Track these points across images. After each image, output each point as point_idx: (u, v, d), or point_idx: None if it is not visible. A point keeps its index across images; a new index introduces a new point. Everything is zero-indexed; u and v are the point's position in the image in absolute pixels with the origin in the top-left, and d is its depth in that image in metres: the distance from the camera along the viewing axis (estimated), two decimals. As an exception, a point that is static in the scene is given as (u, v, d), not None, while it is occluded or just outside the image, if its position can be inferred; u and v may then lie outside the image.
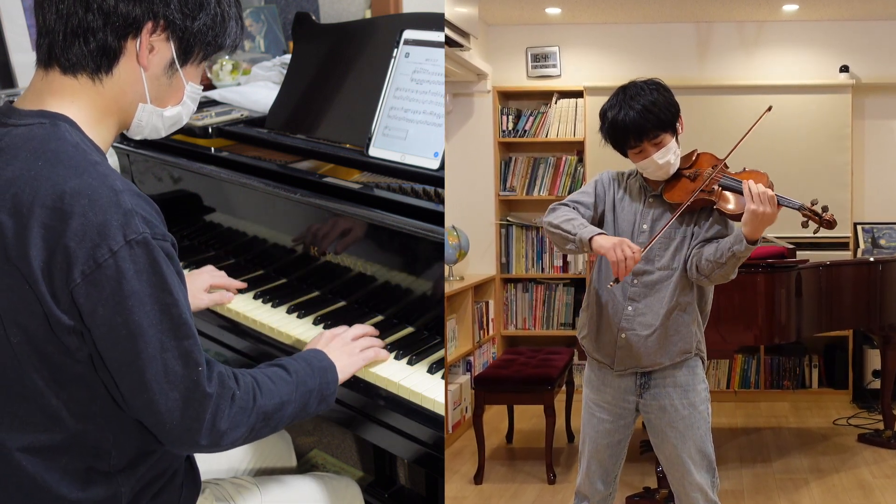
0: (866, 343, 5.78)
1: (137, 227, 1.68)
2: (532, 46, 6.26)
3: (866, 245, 5.98)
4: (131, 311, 1.69)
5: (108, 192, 1.69)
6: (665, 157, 2.67)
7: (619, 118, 2.64)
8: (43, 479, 1.82)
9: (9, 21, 4.01)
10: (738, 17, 6.02)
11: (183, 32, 1.88)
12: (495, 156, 6.22)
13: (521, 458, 4.88)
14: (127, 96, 1.89)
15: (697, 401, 2.78)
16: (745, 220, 2.55)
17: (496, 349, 6.16)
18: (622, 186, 2.82)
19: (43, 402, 1.78)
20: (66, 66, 1.82)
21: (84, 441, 1.84)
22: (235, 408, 1.86)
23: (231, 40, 2.02)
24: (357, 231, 2.65)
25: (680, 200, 2.69)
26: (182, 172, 3.13)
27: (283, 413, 2.00)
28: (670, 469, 2.82)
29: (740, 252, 2.55)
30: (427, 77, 2.77)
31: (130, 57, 1.85)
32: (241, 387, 1.89)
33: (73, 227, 1.65)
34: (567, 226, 2.67)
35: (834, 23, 6.02)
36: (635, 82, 2.72)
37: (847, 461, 4.65)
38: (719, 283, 2.73)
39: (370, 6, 4.76)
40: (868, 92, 6.06)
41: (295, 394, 2.04)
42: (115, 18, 1.79)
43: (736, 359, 6.00)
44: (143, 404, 1.75)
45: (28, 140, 1.76)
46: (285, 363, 2.12)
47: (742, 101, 5.99)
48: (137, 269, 1.68)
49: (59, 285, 1.67)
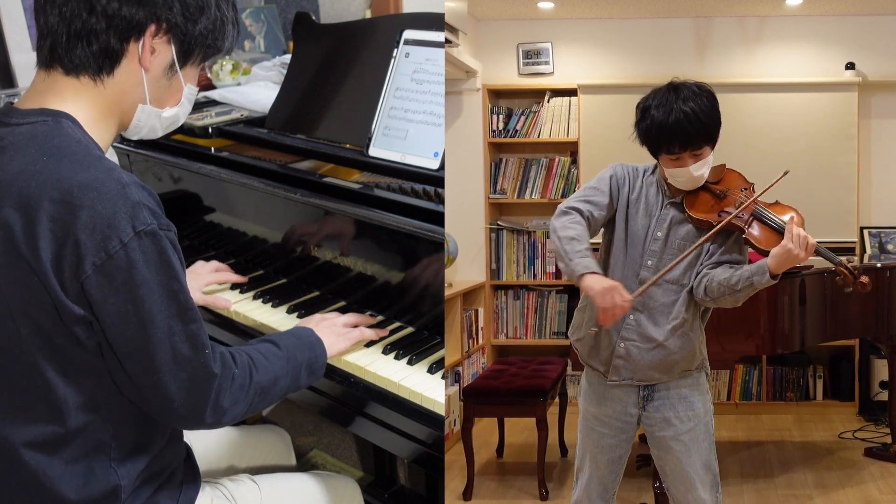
0: (873, 353, 5.87)
1: (146, 219, 1.86)
2: (524, 42, 6.35)
3: (873, 250, 6.05)
4: (142, 299, 1.87)
5: (116, 184, 1.85)
6: (701, 169, 2.71)
7: (669, 121, 2.65)
8: (44, 475, 1.96)
9: (9, 21, 4.15)
10: (738, 11, 6.12)
11: (184, 35, 2.08)
12: (485, 157, 6.30)
13: (511, 474, 4.96)
14: (128, 97, 2.08)
15: (702, 412, 2.86)
16: (777, 255, 2.57)
17: (486, 359, 6.22)
18: (638, 184, 2.85)
19: (49, 393, 1.93)
20: (69, 68, 2.00)
21: (86, 434, 1.99)
22: (235, 385, 2.08)
23: (229, 43, 2.23)
24: (357, 231, 2.81)
25: (704, 216, 2.74)
26: (182, 172, 3.29)
27: (277, 387, 2.24)
28: (674, 484, 2.91)
29: (759, 284, 2.60)
30: (427, 77, 2.93)
31: (132, 58, 2.03)
32: (239, 365, 2.12)
33: (82, 220, 1.80)
34: (567, 245, 2.69)
35: (839, 18, 6.12)
36: (686, 83, 2.73)
37: (853, 476, 4.75)
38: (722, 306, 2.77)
39: (370, 6, 4.92)
40: (875, 90, 6.16)
41: (287, 367, 2.28)
42: (118, 21, 1.97)
43: (737, 369, 6.08)
44: (152, 386, 1.95)
45: (31, 137, 1.92)
46: (275, 339, 2.36)
47: (743, 99, 6.07)
48: (146, 259, 1.86)
49: (69, 277, 1.83)
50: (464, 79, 6.20)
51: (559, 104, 6.32)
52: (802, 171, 5.96)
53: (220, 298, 2.95)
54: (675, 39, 6.27)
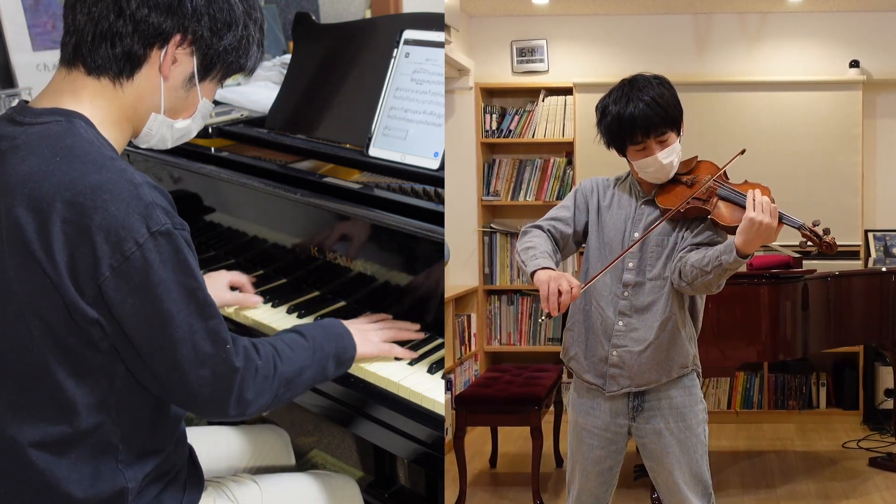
0: (878, 360, 5.93)
1: (160, 219, 1.94)
2: (518, 39, 6.42)
3: (878, 254, 6.11)
4: (160, 299, 1.96)
5: (128, 185, 1.93)
6: (669, 157, 2.78)
7: (627, 111, 2.73)
8: (52, 475, 2.04)
9: (9, 21, 4.25)
10: (739, 7, 6.20)
11: (208, 49, 2.17)
12: (478, 157, 6.37)
13: (505, 484, 5.03)
14: (144, 103, 2.16)
15: (694, 423, 2.91)
16: (741, 229, 2.58)
17: (479, 366, 6.29)
18: (609, 193, 2.94)
19: (59, 394, 2.01)
20: (91, 67, 2.09)
21: (94, 436, 2.07)
22: (259, 377, 2.20)
23: (252, 63, 2.34)
24: (357, 231, 2.91)
25: (669, 206, 2.80)
26: (182, 172, 3.40)
27: (302, 377, 2.36)
28: (667, 495, 2.98)
29: (728, 263, 2.60)
30: (427, 77, 3.06)
31: (153, 65, 2.12)
32: (262, 357, 2.24)
33: (96, 222, 1.88)
34: (524, 255, 2.81)
35: (843, 14, 6.20)
36: (642, 75, 2.81)
37: (857, 487, 4.80)
38: (702, 294, 2.84)
39: (370, 6, 5.06)
40: (880, 88, 6.25)
41: (312, 358, 2.41)
42: (144, 27, 2.07)
43: (737, 377, 6.13)
44: (176, 382, 2.06)
45: (44, 137, 1.99)
46: (302, 329, 2.48)
47: (744, 98, 6.18)
48: (163, 259, 1.95)
49: (85, 279, 1.91)
50: (456, 77, 6.24)
51: (554, 103, 6.38)
52: (805, 172, 6.03)
53: (248, 297, 3.07)
54: (673, 37, 6.34)
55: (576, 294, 2.63)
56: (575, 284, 2.64)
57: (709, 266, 2.64)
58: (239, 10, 2.21)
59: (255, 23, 2.29)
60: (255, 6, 2.30)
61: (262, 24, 2.34)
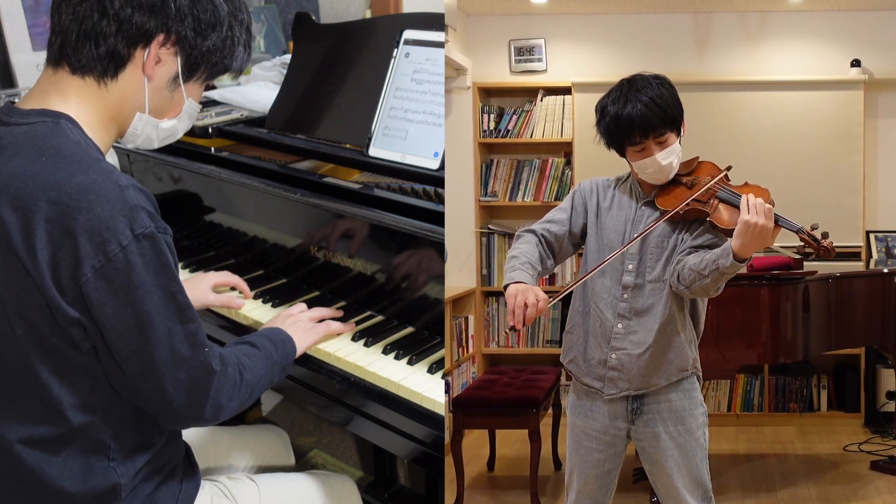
0: (879, 362, 5.96)
1: (144, 222, 1.98)
2: (516, 39, 6.44)
3: (880, 255, 6.12)
4: (141, 302, 2.00)
5: (114, 187, 1.97)
6: (668, 157, 2.78)
7: (625, 112, 2.74)
8: (43, 472, 2.09)
9: (9, 21, 4.29)
10: (739, 6, 6.22)
11: (192, 49, 2.22)
12: (475, 158, 6.39)
13: (503, 488, 5.03)
14: (129, 103, 2.20)
15: (694, 426, 2.92)
16: (737, 233, 2.58)
17: (476, 368, 6.30)
18: (609, 194, 2.94)
19: (45, 394, 2.05)
20: (76, 67, 2.13)
21: (84, 434, 2.11)
22: (230, 383, 2.26)
23: (237, 64, 2.38)
24: (357, 231, 2.95)
25: (668, 207, 2.80)
26: (182, 172, 3.44)
27: (260, 385, 2.44)
28: (666, 499, 2.99)
29: (725, 267, 2.60)
30: (427, 77, 3.11)
31: (137, 65, 2.16)
32: (231, 364, 2.29)
33: (81, 222, 1.92)
34: (507, 265, 2.84)
35: (844, 13, 6.22)
36: (642, 75, 2.81)
37: (858, 491, 4.81)
38: (701, 297, 2.84)
39: (370, 6, 5.09)
40: (882, 88, 6.27)
41: (266, 366, 2.48)
42: (127, 27, 2.11)
43: (738, 379, 6.15)
44: (152, 388, 2.08)
45: (30, 138, 2.03)
46: (252, 340, 2.55)
47: (744, 98, 6.19)
48: (145, 261, 1.98)
49: (66, 279, 1.95)
50: (453, 77, 6.25)
51: (553, 103, 6.40)
52: (806, 173, 6.04)
53: (233, 298, 3.09)
54: (673, 36, 6.35)
55: (542, 308, 2.65)
56: (542, 298, 2.66)
57: (706, 270, 2.65)
58: (224, 11, 2.25)
59: (241, 24, 2.33)
60: (241, 7, 2.34)
61: (248, 26, 2.38)
